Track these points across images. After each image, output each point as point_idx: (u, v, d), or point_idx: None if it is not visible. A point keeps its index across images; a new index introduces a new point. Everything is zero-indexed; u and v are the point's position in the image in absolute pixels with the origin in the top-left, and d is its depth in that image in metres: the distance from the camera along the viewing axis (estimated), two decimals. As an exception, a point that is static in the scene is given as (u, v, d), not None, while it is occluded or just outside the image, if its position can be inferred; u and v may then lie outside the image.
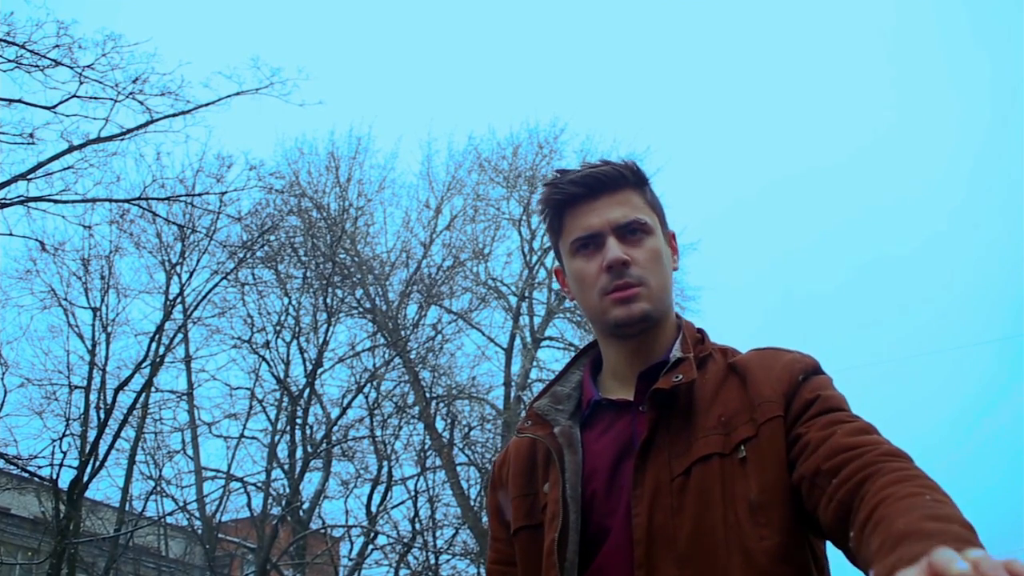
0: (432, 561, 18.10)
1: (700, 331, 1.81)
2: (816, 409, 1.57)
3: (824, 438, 1.49)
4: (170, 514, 15.66)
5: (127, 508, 15.38)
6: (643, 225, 1.73)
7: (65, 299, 14.41)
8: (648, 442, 1.60)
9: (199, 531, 16.09)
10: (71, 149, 11.30)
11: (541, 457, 1.75)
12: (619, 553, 1.57)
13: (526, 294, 20.34)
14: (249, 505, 16.72)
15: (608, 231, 1.71)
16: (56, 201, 11.20)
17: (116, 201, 12.65)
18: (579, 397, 1.80)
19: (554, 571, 1.59)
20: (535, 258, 20.39)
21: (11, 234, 11.39)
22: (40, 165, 11.16)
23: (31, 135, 10.78)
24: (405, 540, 17.38)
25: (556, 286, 21.11)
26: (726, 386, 1.67)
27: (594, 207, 1.74)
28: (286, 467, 16.78)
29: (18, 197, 11.00)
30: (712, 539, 1.51)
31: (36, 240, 12.34)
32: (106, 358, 14.44)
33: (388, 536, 17.30)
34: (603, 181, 1.75)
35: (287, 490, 16.38)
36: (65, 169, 11.29)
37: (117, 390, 13.86)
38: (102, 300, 14.46)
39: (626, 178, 1.76)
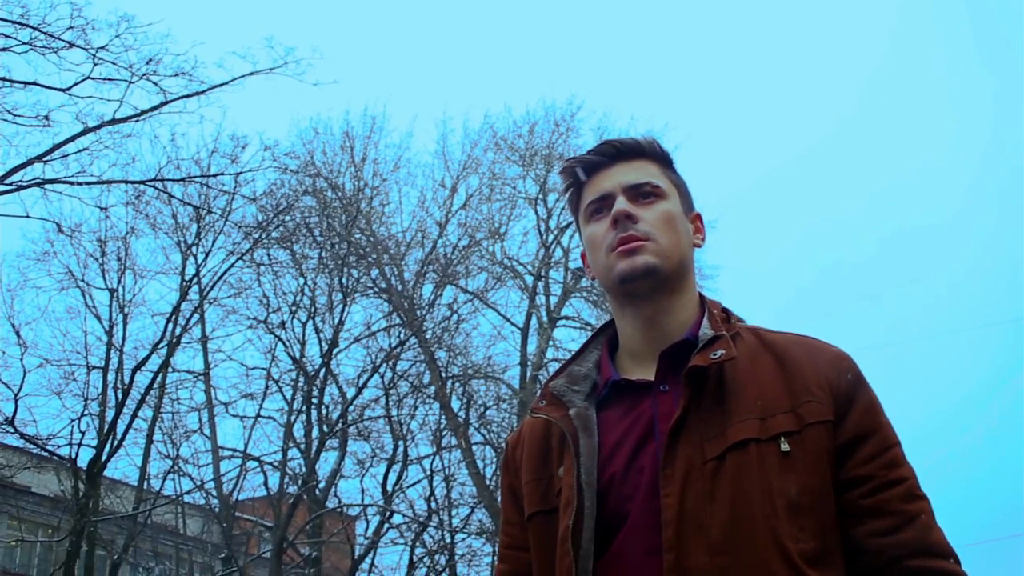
0: (448, 540, 18.18)
1: (725, 309, 1.77)
2: (874, 448, 1.58)
3: (878, 508, 1.54)
4: (187, 493, 15.77)
5: (145, 487, 15.53)
6: (656, 188, 1.72)
7: (82, 280, 14.53)
8: (680, 421, 1.55)
9: (216, 510, 16.23)
10: (86, 131, 11.35)
11: (556, 439, 1.71)
12: (638, 538, 1.54)
13: (542, 273, 20.31)
14: (266, 484, 16.85)
15: (619, 191, 1.71)
16: (72, 183, 11.27)
17: (132, 183, 12.69)
18: (596, 377, 1.75)
19: (568, 558, 1.55)
20: (551, 237, 20.35)
21: (28, 216, 11.46)
22: (56, 147, 11.22)
23: (46, 117, 10.82)
24: (421, 520, 17.44)
25: (574, 265, 21.12)
26: (759, 366, 1.63)
27: (609, 173, 1.75)
28: (302, 447, 16.87)
29: (34, 179, 11.06)
30: (750, 531, 1.48)
31: (53, 222, 12.42)
32: (123, 339, 14.55)
33: (404, 515, 17.37)
34: (620, 149, 1.76)
35: (303, 469, 16.47)
36: (80, 151, 11.35)
37: (134, 370, 13.96)
38: (119, 281, 14.58)
39: (643, 149, 1.77)
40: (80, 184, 11.40)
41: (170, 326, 14.42)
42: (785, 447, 1.53)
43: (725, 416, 1.56)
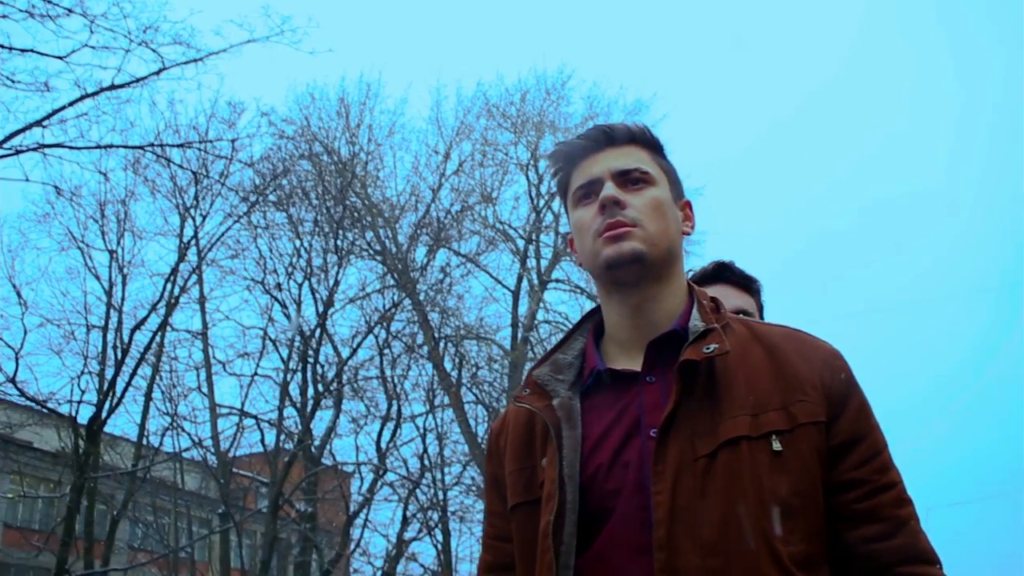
0: (440, 497, 18.60)
1: (714, 299, 1.73)
2: (866, 451, 1.57)
3: (871, 513, 1.54)
4: (186, 450, 16.15)
5: (144, 443, 15.84)
6: (644, 174, 1.68)
7: (82, 242, 14.76)
8: (671, 417, 1.51)
9: (214, 466, 16.56)
10: (84, 97, 11.50)
11: (540, 428, 1.65)
12: (624, 535, 1.50)
13: (533, 237, 20.60)
14: (262, 441, 17.21)
15: (607, 177, 1.67)
16: (71, 148, 11.46)
17: (130, 148, 12.88)
18: (581, 365, 1.71)
19: (549, 554, 1.52)
20: (542, 202, 20.60)
21: (27, 179, 11.63)
22: (54, 112, 11.36)
23: (45, 83, 10.97)
24: (414, 477, 17.85)
25: (564, 229, 21.36)
26: (751, 360, 1.60)
27: (598, 158, 1.71)
28: (298, 405, 17.22)
29: (34, 144, 11.22)
30: (740, 532, 1.45)
31: (52, 186, 12.64)
32: (122, 299, 14.83)
33: (396, 474, 17.76)
34: (609, 135, 1.72)
35: (299, 427, 16.83)
36: (79, 117, 11.52)
37: (133, 330, 14.25)
38: (118, 242, 14.82)
39: (633, 135, 1.74)
40: (79, 148, 11.60)
41: (168, 286, 14.71)
42: (777, 446, 1.50)
43: (716, 412, 1.53)
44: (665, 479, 1.47)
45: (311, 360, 17.53)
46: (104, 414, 13.63)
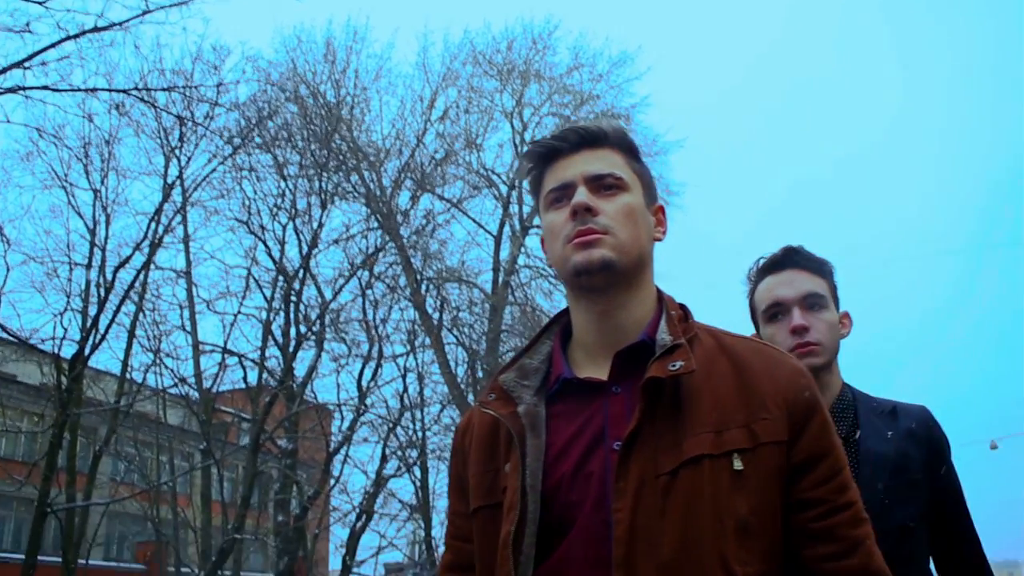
0: (419, 436, 18.92)
1: (683, 306, 1.73)
2: (826, 470, 1.58)
3: (827, 533, 1.55)
4: (169, 388, 16.35)
5: (128, 377, 16.02)
6: (618, 180, 1.67)
7: (66, 180, 14.78)
8: (635, 433, 1.51)
9: (196, 401, 16.77)
10: (67, 39, 11.41)
11: (504, 433, 1.64)
12: (584, 548, 1.51)
13: (516, 184, 20.65)
14: (245, 379, 17.42)
15: (580, 182, 1.65)
16: (54, 90, 11.46)
17: (114, 91, 12.84)
18: (547, 370, 1.70)
19: (508, 565, 1.52)
20: (526, 149, 20.63)
21: (8, 121, 11.64)
22: (35, 54, 11.29)
23: (27, 24, 10.93)
24: (393, 418, 18.13)
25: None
26: (716, 373, 1.60)
27: (572, 160, 1.69)
28: (281, 344, 17.42)
29: (14, 86, 11.18)
30: (699, 550, 1.46)
31: (35, 128, 12.63)
32: (106, 238, 14.89)
33: (376, 413, 18.05)
34: (583, 136, 1.70)
35: (281, 366, 17.05)
36: (62, 59, 11.50)
37: (117, 268, 14.32)
38: (102, 182, 14.84)
39: (608, 136, 1.72)
40: (62, 91, 11.60)
41: (153, 226, 14.79)
42: (738, 465, 1.51)
43: (680, 429, 1.53)
44: (626, 497, 1.48)
45: (294, 300, 17.72)
46: (87, 351, 13.78)
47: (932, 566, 2.43)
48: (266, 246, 17.53)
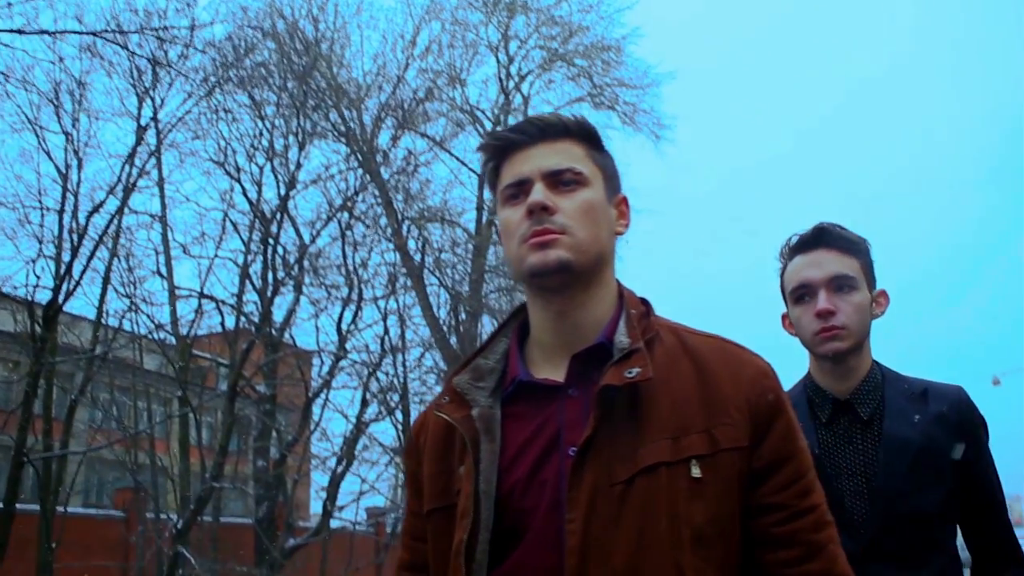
0: (400, 379, 18.75)
1: (644, 302, 1.70)
2: (789, 475, 1.56)
3: (789, 538, 1.53)
4: (145, 336, 16.04)
5: (103, 323, 15.72)
6: (577, 175, 1.62)
7: (36, 123, 14.26)
8: (590, 440, 1.49)
9: (173, 346, 16.51)
10: (34, -23, 10.98)
11: (458, 435, 1.62)
12: (539, 557, 1.49)
13: (501, 119, 20.23)
14: (223, 324, 17.14)
15: (537, 178, 1.61)
16: (21, 32, 10.96)
17: (83, 34, 12.36)
18: (503, 370, 1.68)
19: (460, 573, 1.51)
20: (512, 84, 20.22)
21: (-28, 65, 11.17)
22: (-3, -8, 10.80)
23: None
24: (373, 362, 17.92)
25: (532, 112, 21.01)
26: (677, 376, 1.57)
27: (529, 154, 1.64)
28: (259, 288, 17.12)
29: (-25, 30, 10.71)
30: (653, 561, 1.45)
31: (1, 73, 12.12)
32: (78, 182, 14.41)
33: (356, 358, 17.82)
34: (542, 129, 1.65)
35: (259, 310, 16.77)
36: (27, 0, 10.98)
37: (91, 213, 13.90)
38: (73, 125, 14.31)
39: (568, 128, 1.66)
40: (28, 34, 11.08)
41: (127, 169, 14.37)
42: (696, 472, 1.48)
43: (637, 436, 1.51)
44: (579, 506, 1.46)
45: (272, 243, 17.36)
46: (61, 299, 13.47)
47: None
48: (243, 188, 17.05)
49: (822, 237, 2.45)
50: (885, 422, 2.37)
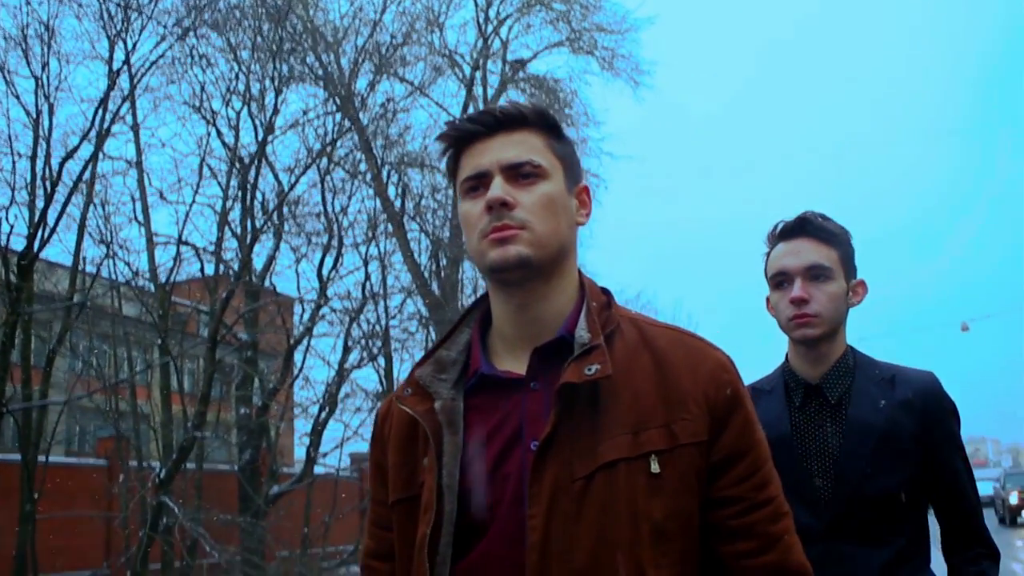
0: (382, 325, 18.69)
1: (606, 293, 1.71)
2: (746, 468, 1.58)
3: (745, 530, 1.56)
4: (124, 284, 15.82)
5: (80, 270, 15.49)
6: (537, 168, 1.62)
7: (3, 67, 13.91)
8: (550, 437, 1.51)
9: (152, 294, 16.32)
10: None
11: (422, 427, 1.62)
12: (501, 551, 1.51)
13: (480, 64, 20.04)
14: (202, 271, 16.97)
15: (496, 171, 1.61)
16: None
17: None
18: (466, 361, 1.68)
19: (423, 567, 1.52)
20: (490, 28, 19.96)
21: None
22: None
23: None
24: (354, 309, 17.82)
25: (512, 57, 20.77)
26: (637, 369, 1.59)
27: (488, 146, 1.63)
28: (238, 234, 16.91)
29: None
30: (613, 556, 1.47)
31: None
32: (50, 128, 14.12)
33: (337, 311, 17.71)
34: (500, 119, 1.64)
35: (239, 256, 16.58)
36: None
37: (64, 159, 13.63)
38: (43, 69, 13.97)
39: (526, 118, 1.65)
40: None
41: (100, 113, 14.07)
42: (655, 467, 1.51)
43: (597, 431, 1.52)
44: (540, 502, 1.48)
45: (251, 188, 17.13)
46: (36, 247, 13.27)
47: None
48: (219, 133, 16.80)
49: (803, 227, 2.57)
50: (850, 407, 2.50)
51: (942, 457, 2.50)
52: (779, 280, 2.58)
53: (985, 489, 42.24)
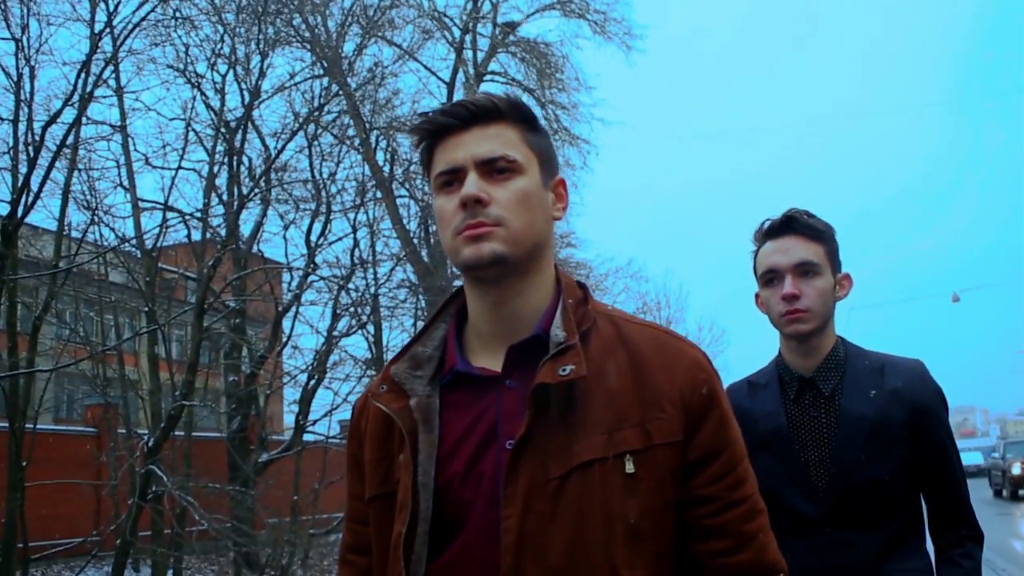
0: (371, 292, 18.56)
1: (582, 288, 1.70)
2: (721, 467, 1.59)
3: (720, 529, 1.58)
4: (109, 250, 15.62)
5: (65, 234, 15.30)
6: (511, 163, 1.61)
7: (-18, 31, 13.62)
8: (525, 438, 1.51)
9: (139, 260, 16.14)
10: None
11: (397, 424, 1.62)
12: (477, 551, 1.52)
13: (470, 27, 19.79)
14: (188, 238, 16.80)
15: (470, 166, 1.59)
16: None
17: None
18: (441, 357, 1.68)
19: (399, 566, 1.53)
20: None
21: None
22: None
23: None
24: (343, 276, 17.67)
25: (502, 19, 20.50)
26: (613, 367, 1.59)
27: (462, 140, 1.62)
28: (225, 200, 16.71)
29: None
30: (588, 556, 1.48)
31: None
32: (32, 91, 13.89)
33: (326, 279, 17.54)
34: (474, 112, 1.63)
35: (226, 222, 16.39)
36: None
37: (47, 124, 13.42)
38: (23, 31, 13.71)
39: (500, 111, 1.64)
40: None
41: (83, 77, 13.83)
42: (630, 467, 1.51)
43: (572, 430, 1.52)
44: (515, 503, 1.49)
45: (237, 153, 16.91)
46: (20, 213, 13.08)
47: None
48: (205, 97, 16.55)
49: (790, 225, 2.66)
50: (843, 398, 2.60)
51: (931, 443, 2.60)
52: (769, 277, 2.66)
53: (974, 459, 41.99)
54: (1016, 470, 28.69)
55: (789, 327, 2.63)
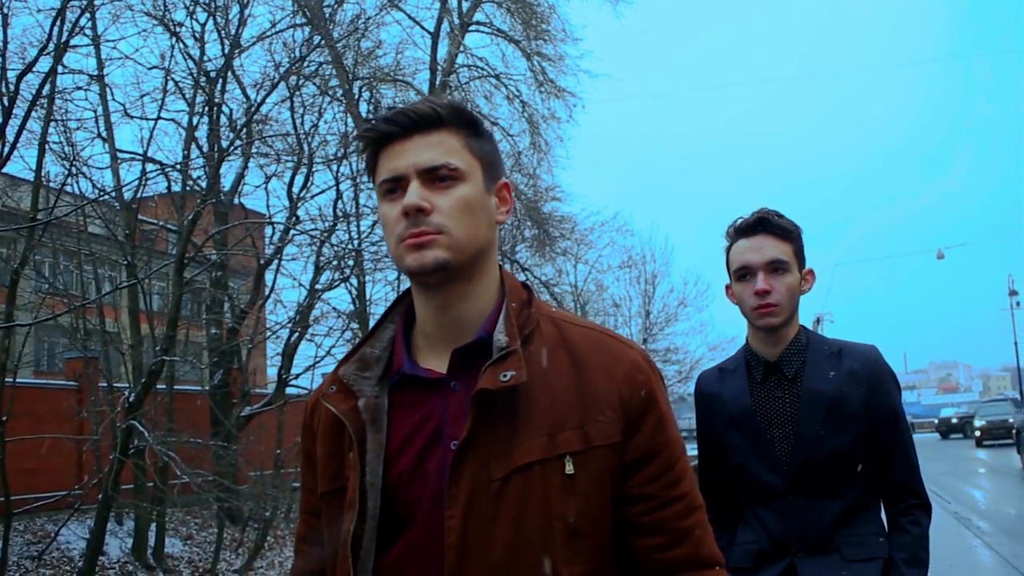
0: (355, 245, 18.40)
1: (527, 289, 1.74)
2: (658, 467, 1.64)
3: (657, 525, 1.63)
4: (88, 203, 15.36)
5: (45, 184, 15.05)
6: (453, 171, 1.63)
7: (-46, -21, 13.27)
8: (468, 440, 1.56)
9: (118, 211, 15.91)
10: None
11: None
12: (421, 546, 1.57)
13: (455, -24, 19.45)
14: (169, 190, 16.56)
15: (412, 175, 1.61)
16: None
17: None
18: (389, 357, 1.72)
19: (346, 563, 1.58)
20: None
21: None
22: None
23: None
24: (327, 227, 17.50)
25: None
26: (554, 370, 1.63)
27: (404, 148, 1.63)
28: (205, 151, 16.47)
29: None
30: (528, 554, 1.53)
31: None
32: (5, 41, 13.58)
33: (308, 232, 17.35)
34: (415, 120, 1.64)
35: (207, 174, 16.16)
36: None
37: (22, 74, 13.15)
38: (-3, -21, 13.37)
39: (442, 118, 1.65)
40: None
41: (58, 25, 13.52)
42: (570, 468, 1.56)
43: (514, 433, 1.57)
44: (458, 503, 1.53)
45: (217, 103, 16.63)
46: (-4, 165, 12.85)
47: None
48: (184, 46, 16.23)
49: (763, 224, 2.87)
50: (804, 379, 2.84)
51: (884, 418, 2.84)
52: (743, 273, 2.89)
53: (955, 411, 41.49)
54: None
55: (761, 320, 2.87)
